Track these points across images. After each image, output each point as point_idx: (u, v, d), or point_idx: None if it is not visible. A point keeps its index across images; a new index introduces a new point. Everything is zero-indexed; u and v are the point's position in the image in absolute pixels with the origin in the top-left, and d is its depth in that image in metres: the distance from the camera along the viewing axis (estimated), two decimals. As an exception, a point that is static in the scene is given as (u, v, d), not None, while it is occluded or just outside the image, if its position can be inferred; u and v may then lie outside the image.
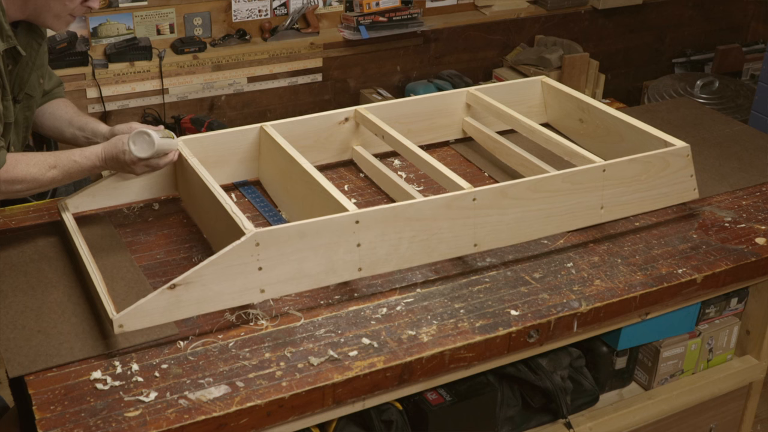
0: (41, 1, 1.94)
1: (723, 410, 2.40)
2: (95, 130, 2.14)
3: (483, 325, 1.73)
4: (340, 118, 2.26)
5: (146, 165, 1.92)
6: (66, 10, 1.97)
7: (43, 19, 1.98)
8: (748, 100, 4.23)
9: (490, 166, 2.35)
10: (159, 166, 1.95)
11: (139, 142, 1.88)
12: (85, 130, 2.15)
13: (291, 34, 4.08)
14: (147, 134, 1.87)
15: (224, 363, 1.60)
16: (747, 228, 2.12)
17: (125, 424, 1.45)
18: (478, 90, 2.42)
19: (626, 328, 2.07)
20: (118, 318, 1.60)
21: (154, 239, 1.98)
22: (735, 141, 2.58)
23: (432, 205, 1.82)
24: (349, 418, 1.81)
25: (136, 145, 1.88)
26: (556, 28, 4.68)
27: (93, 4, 1.99)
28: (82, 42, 3.70)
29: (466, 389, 1.92)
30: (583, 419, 2.10)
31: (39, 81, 2.13)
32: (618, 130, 2.27)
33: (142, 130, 1.88)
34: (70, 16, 1.99)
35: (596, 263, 1.95)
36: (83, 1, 1.97)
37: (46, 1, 1.94)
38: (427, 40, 4.38)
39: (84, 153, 1.92)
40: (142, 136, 1.87)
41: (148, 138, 1.87)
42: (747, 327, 2.35)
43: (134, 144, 1.88)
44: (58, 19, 1.99)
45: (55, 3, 1.94)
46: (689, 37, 5.21)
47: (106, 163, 1.92)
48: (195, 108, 3.96)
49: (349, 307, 1.77)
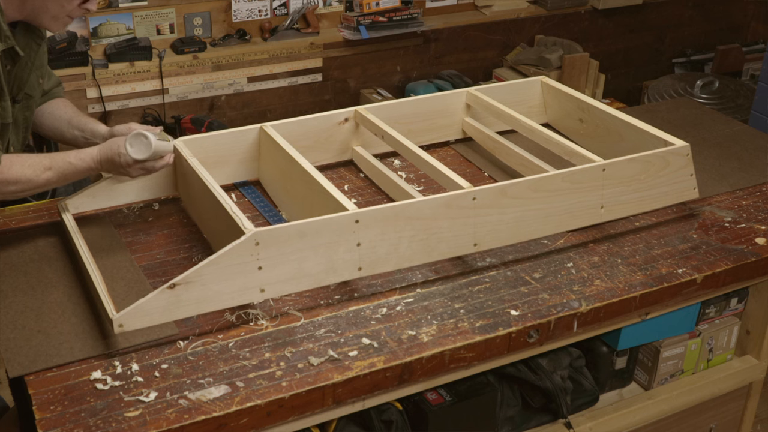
0: (39, 2, 1.93)
1: (723, 410, 2.40)
2: (94, 130, 2.13)
3: (483, 325, 1.73)
4: (340, 118, 2.26)
5: (142, 168, 1.91)
6: (63, 11, 1.96)
7: (41, 20, 1.98)
8: (748, 100, 4.23)
9: (490, 166, 2.35)
10: (155, 168, 1.94)
11: (136, 144, 1.87)
12: (85, 131, 2.15)
13: (291, 34, 4.08)
14: (144, 136, 1.87)
15: (224, 363, 1.60)
16: (747, 228, 2.12)
17: (125, 424, 1.45)
18: (478, 90, 2.42)
19: (626, 328, 2.07)
20: (118, 318, 1.60)
21: (154, 239, 1.98)
22: (735, 141, 2.58)
23: (432, 205, 1.82)
24: (349, 418, 1.81)
25: (133, 147, 1.87)
26: (556, 28, 4.68)
27: (91, 6, 1.99)
28: (82, 42, 3.70)
29: (466, 389, 1.92)
30: (583, 419, 2.10)
31: (38, 81, 2.13)
32: (618, 129, 2.27)
33: (139, 132, 1.87)
34: (67, 18, 1.99)
35: (596, 263, 1.95)
36: (81, 3, 1.97)
37: (43, 2, 1.93)
38: (427, 40, 4.38)
39: (79, 155, 1.91)
40: (140, 138, 1.87)
41: (146, 140, 1.87)
42: (747, 327, 2.35)
43: (131, 146, 1.87)
44: (56, 21, 1.99)
45: (53, 4, 1.94)
46: (689, 37, 5.21)
47: (102, 165, 1.91)
48: (195, 108, 3.96)
49: (349, 307, 1.77)
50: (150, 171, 1.94)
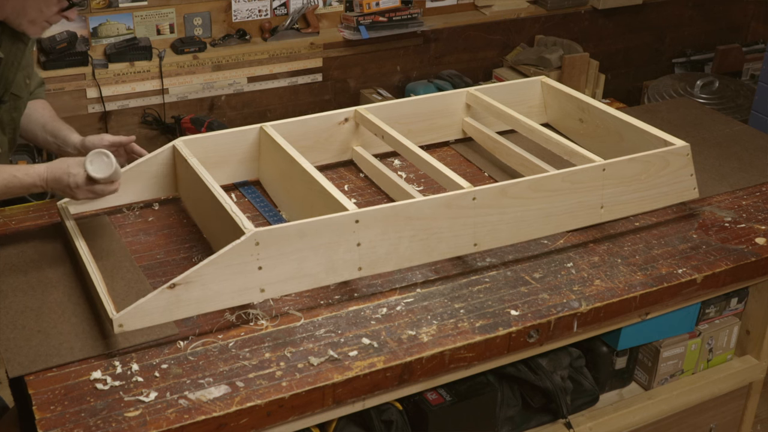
0: (18, 5, 1.92)
1: (723, 410, 2.40)
2: (66, 138, 2.10)
3: (483, 325, 1.73)
4: (340, 118, 2.26)
5: (91, 190, 1.84)
6: (42, 16, 1.95)
7: (19, 23, 1.97)
8: (748, 100, 4.23)
9: (490, 166, 2.35)
10: (104, 193, 1.86)
11: (97, 161, 1.81)
12: (57, 138, 2.12)
13: (291, 34, 4.08)
14: (106, 155, 1.81)
15: (224, 363, 1.60)
16: (747, 228, 2.12)
17: (125, 424, 1.45)
18: (478, 90, 2.42)
19: (626, 328, 2.07)
20: (118, 317, 1.60)
21: (154, 239, 1.98)
22: (735, 141, 2.58)
23: (432, 205, 1.82)
24: (349, 418, 1.81)
25: (94, 164, 1.81)
26: (556, 28, 4.68)
27: (70, 15, 1.98)
28: (82, 42, 3.70)
29: (466, 389, 1.92)
30: (583, 419, 2.10)
31: (25, 81, 2.11)
32: (618, 129, 2.27)
33: (100, 151, 1.81)
34: (45, 23, 1.98)
35: (596, 263, 1.95)
36: (59, 11, 1.96)
37: (23, 6, 1.92)
38: (427, 40, 4.38)
39: (27, 170, 1.86)
40: (101, 157, 1.81)
41: (107, 159, 1.81)
42: (747, 327, 2.35)
43: (92, 163, 1.81)
44: (34, 25, 1.97)
45: (31, 9, 1.93)
46: (689, 37, 5.21)
47: (48, 183, 1.85)
48: (195, 108, 3.96)
49: (349, 307, 1.77)
50: (98, 195, 1.86)
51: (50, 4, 1.94)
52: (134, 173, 2.04)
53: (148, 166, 2.05)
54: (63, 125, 2.15)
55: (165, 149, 2.06)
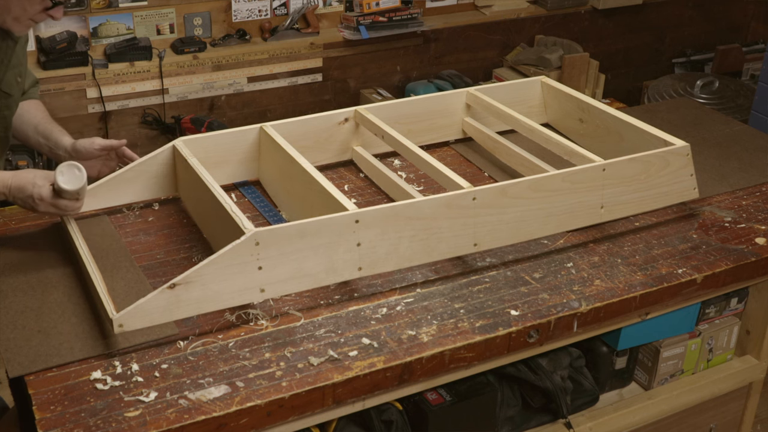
0: (2, 2, 1.91)
1: (723, 410, 2.40)
2: (58, 141, 2.09)
3: (483, 325, 1.73)
4: (340, 118, 2.26)
5: (54, 204, 1.82)
6: (26, 14, 1.94)
7: (3, 20, 1.96)
8: (748, 100, 4.23)
9: (490, 166, 2.35)
10: (66, 209, 1.84)
11: (68, 173, 1.79)
12: (49, 140, 2.11)
13: (291, 34, 4.08)
14: (78, 169, 1.80)
15: (224, 363, 1.60)
16: (747, 228, 2.12)
17: (125, 424, 1.45)
18: (478, 90, 2.42)
19: (626, 328, 2.07)
20: (118, 317, 1.60)
21: (154, 239, 1.98)
22: (735, 141, 2.58)
23: (432, 204, 1.82)
24: (349, 418, 1.81)
25: (64, 175, 1.79)
26: (556, 28, 4.68)
27: (55, 13, 1.96)
28: (82, 42, 3.70)
29: (466, 389, 1.92)
30: (583, 419, 2.10)
31: (17, 80, 2.10)
32: (618, 129, 2.27)
33: (73, 163, 1.80)
34: (30, 21, 1.96)
35: (596, 263, 1.95)
36: (44, 10, 1.94)
37: (6, 3, 1.91)
38: (427, 40, 4.38)
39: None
40: (72, 170, 1.79)
41: (79, 172, 1.80)
42: (747, 327, 2.35)
43: (62, 174, 1.79)
44: (18, 23, 1.96)
45: (15, 6, 1.92)
46: (689, 37, 5.21)
47: (11, 191, 1.83)
48: (195, 108, 3.96)
49: (349, 307, 1.77)
50: (60, 210, 1.84)
51: (33, 2, 1.92)
52: (134, 173, 2.04)
53: (148, 166, 2.05)
54: (55, 127, 2.14)
55: (165, 149, 2.06)
